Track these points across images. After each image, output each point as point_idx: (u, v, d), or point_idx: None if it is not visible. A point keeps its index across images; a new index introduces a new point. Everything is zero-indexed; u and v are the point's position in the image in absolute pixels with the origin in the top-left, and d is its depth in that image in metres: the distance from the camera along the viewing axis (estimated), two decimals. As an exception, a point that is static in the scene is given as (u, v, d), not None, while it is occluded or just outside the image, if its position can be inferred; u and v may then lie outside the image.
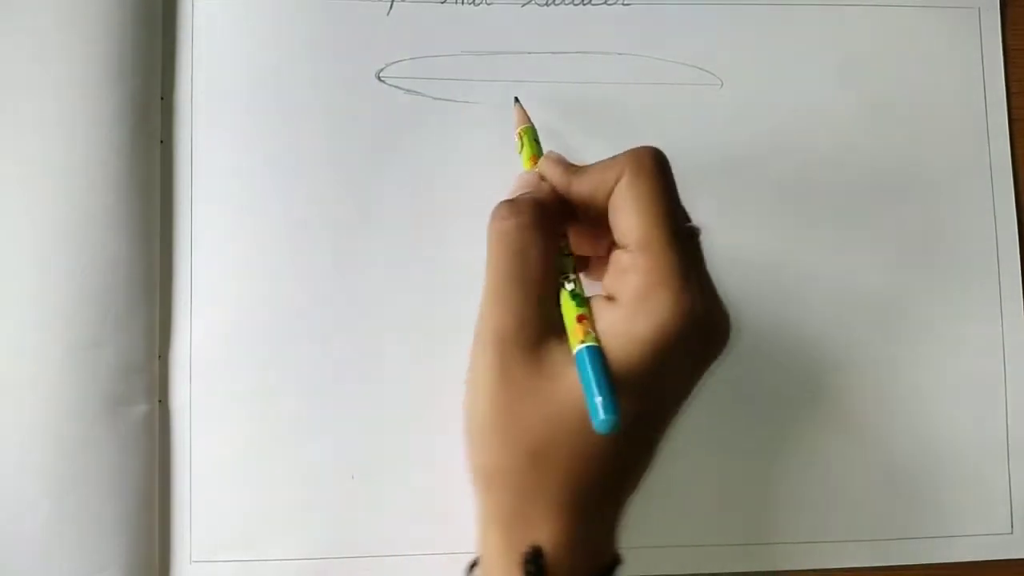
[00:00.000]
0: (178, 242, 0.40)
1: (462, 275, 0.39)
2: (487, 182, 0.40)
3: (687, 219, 0.33)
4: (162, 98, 0.40)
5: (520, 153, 0.37)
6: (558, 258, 0.32)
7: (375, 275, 0.40)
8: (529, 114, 0.39)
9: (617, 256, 0.31)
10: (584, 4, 0.42)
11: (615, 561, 0.33)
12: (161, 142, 0.40)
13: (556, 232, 0.32)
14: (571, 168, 0.33)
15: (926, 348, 0.41)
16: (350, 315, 0.40)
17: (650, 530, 0.39)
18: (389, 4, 0.41)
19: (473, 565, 0.33)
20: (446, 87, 0.41)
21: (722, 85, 0.42)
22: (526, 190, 0.33)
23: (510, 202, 0.32)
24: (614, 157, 0.32)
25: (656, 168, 0.31)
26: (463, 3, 0.41)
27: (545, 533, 0.31)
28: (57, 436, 0.37)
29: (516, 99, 0.40)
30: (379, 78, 0.41)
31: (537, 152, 0.36)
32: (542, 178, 0.34)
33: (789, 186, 0.42)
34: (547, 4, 0.42)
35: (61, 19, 0.39)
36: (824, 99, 0.42)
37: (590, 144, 0.41)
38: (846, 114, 0.42)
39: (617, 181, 0.31)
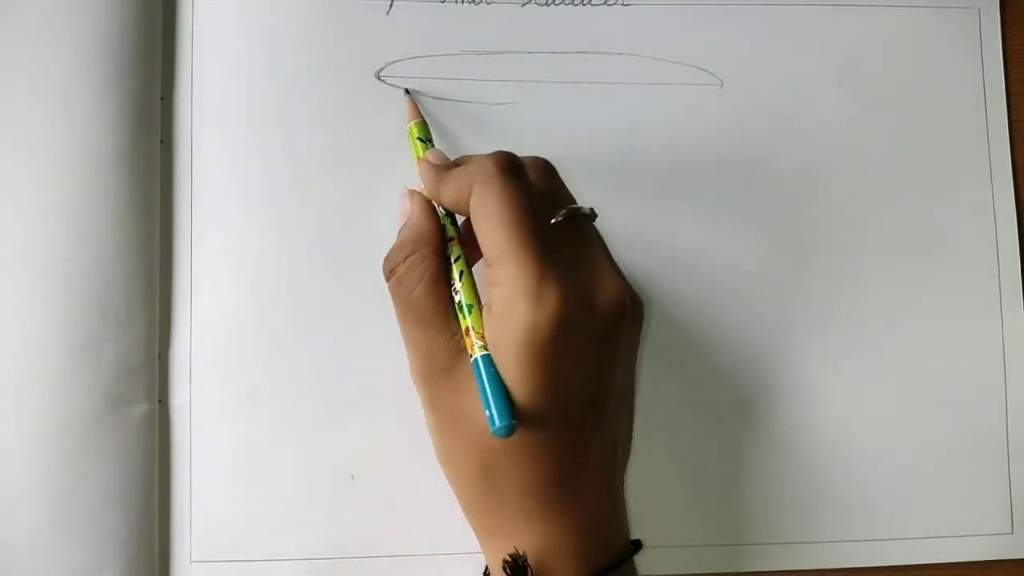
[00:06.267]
0: (178, 242, 0.40)
1: (462, 275, 0.39)
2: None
3: (568, 203, 0.33)
4: (162, 98, 0.40)
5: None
6: (448, 269, 0.32)
7: (375, 275, 0.40)
8: (421, 108, 0.39)
9: (483, 271, 0.31)
10: (584, 4, 0.42)
11: (627, 549, 0.33)
12: (161, 142, 0.40)
13: (436, 251, 0.33)
14: (440, 173, 0.33)
15: (926, 348, 0.41)
16: (350, 315, 0.40)
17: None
18: (389, 4, 0.41)
19: (487, 572, 0.34)
20: (446, 87, 0.41)
21: (722, 85, 0.42)
22: (402, 219, 0.34)
23: (385, 260, 0.33)
24: (469, 162, 0.32)
25: (501, 176, 0.31)
26: (463, 3, 0.41)
27: (524, 539, 0.31)
28: (57, 436, 0.37)
29: (406, 91, 0.40)
30: (379, 78, 0.41)
31: (422, 152, 0.36)
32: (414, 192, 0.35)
33: (789, 186, 0.42)
34: (547, 4, 0.42)
35: (61, 19, 0.39)
36: (824, 99, 0.42)
37: (590, 144, 0.41)
38: (846, 114, 0.42)
39: (471, 191, 0.31)
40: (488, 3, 0.41)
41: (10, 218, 0.38)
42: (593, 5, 0.42)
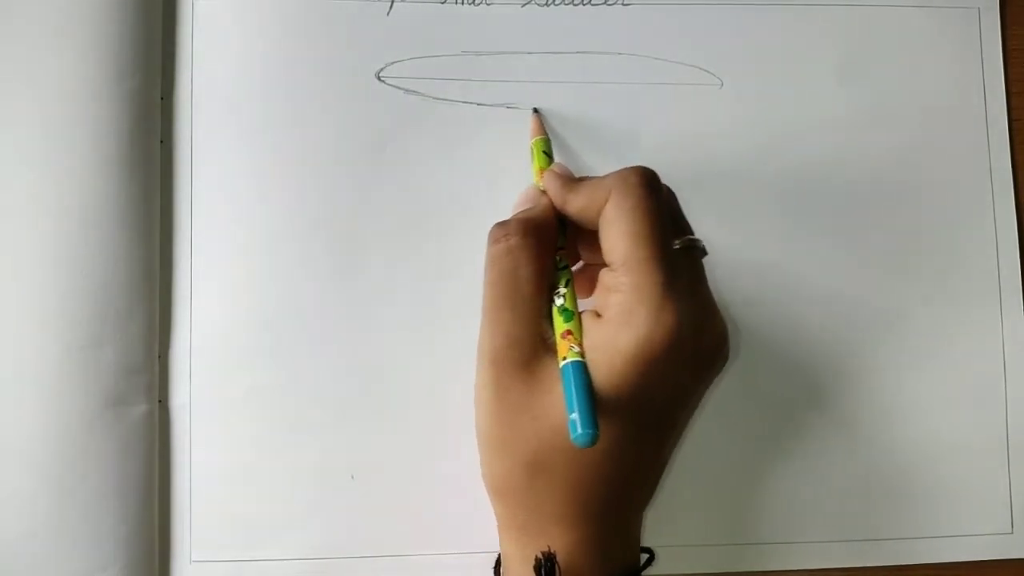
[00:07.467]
0: (178, 242, 0.40)
1: (462, 275, 0.39)
2: (487, 182, 0.40)
3: (687, 233, 0.33)
4: (162, 98, 0.40)
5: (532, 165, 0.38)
6: (553, 272, 0.33)
7: (375, 275, 0.40)
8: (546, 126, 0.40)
9: (603, 275, 0.32)
10: (584, 4, 0.42)
11: (639, 562, 0.34)
12: (161, 142, 0.40)
13: (551, 248, 0.33)
14: (569, 183, 0.34)
15: (926, 349, 0.41)
16: (350, 315, 0.40)
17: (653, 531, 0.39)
18: (389, 4, 0.41)
19: (498, 563, 0.34)
20: (446, 87, 0.41)
21: (722, 85, 0.42)
22: (526, 206, 0.35)
23: (501, 224, 0.33)
24: (606, 176, 0.32)
25: (642, 189, 0.31)
26: (463, 3, 0.41)
27: (556, 540, 0.31)
28: (57, 436, 0.37)
29: (535, 110, 0.40)
30: (379, 78, 0.41)
31: (545, 165, 0.37)
32: (544, 192, 0.35)
33: (789, 186, 0.42)
34: (547, 4, 0.42)
35: (61, 19, 0.39)
36: (824, 99, 0.42)
37: (590, 145, 0.41)
38: (846, 114, 0.42)
39: (606, 200, 0.31)
40: (488, 3, 0.41)
41: (10, 218, 0.38)
42: (593, 5, 0.42)
